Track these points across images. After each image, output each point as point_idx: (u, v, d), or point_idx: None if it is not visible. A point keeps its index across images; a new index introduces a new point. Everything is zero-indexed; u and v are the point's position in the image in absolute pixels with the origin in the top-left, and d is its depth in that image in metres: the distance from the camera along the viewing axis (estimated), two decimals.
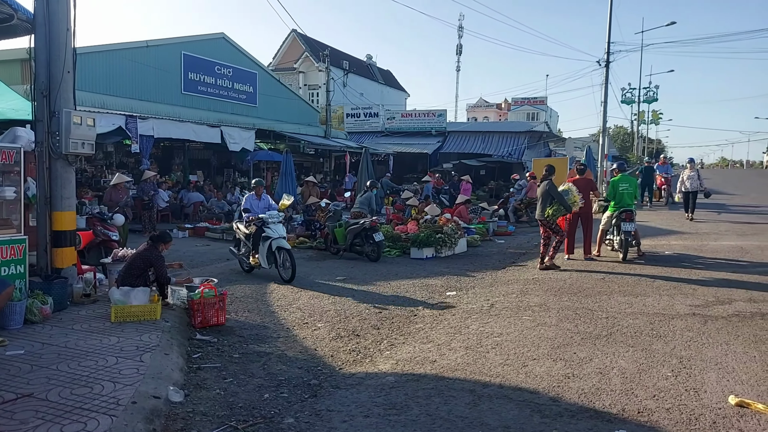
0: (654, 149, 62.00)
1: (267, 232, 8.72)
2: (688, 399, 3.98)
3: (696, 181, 15.37)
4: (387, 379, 4.54)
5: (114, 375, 4.30)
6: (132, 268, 6.28)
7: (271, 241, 8.69)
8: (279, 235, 8.70)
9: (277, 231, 8.73)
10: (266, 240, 8.74)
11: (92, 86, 16.86)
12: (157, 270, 6.32)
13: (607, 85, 23.44)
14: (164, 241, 6.55)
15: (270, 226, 8.78)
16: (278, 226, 8.84)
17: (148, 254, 6.36)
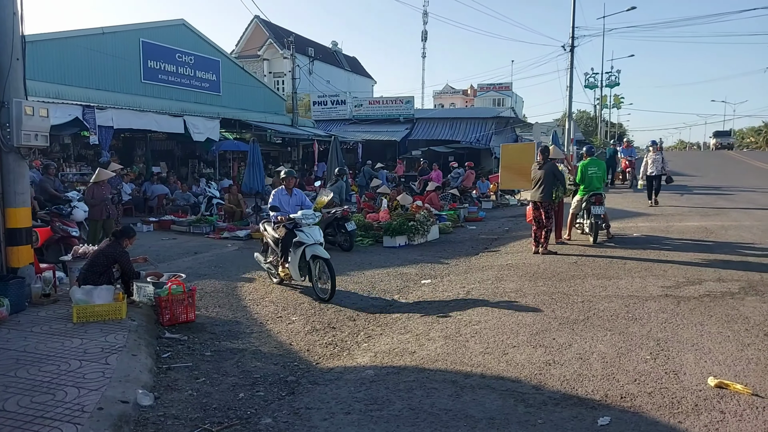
0: (616, 133, 63.27)
1: (299, 237, 7.22)
2: (668, 382, 3.98)
3: (660, 164, 14.73)
4: (366, 373, 4.42)
5: (78, 380, 4.06)
6: (94, 266, 5.98)
7: (305, 247, 7.15)
8: (314, 241, 7.17)
9: (312, 235, 7.20)
10: (298, 246, 7.22)
11: (45, 75, 16.11)
12: (123, 266, 6.03)
13: (572, 69, 23.69)
14: (128, 236, 6.26)
15: (303, 228, 7.28)
16: (314, 229, 7.34)
17: (111, 250, 6.06)
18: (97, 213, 9.74)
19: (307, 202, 8.13)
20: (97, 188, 9.83)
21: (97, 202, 9.69)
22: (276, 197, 7.98)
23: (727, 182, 20.81)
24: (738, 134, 74.29)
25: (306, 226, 7.30)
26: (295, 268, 7.30)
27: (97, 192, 9.77)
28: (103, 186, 9.94)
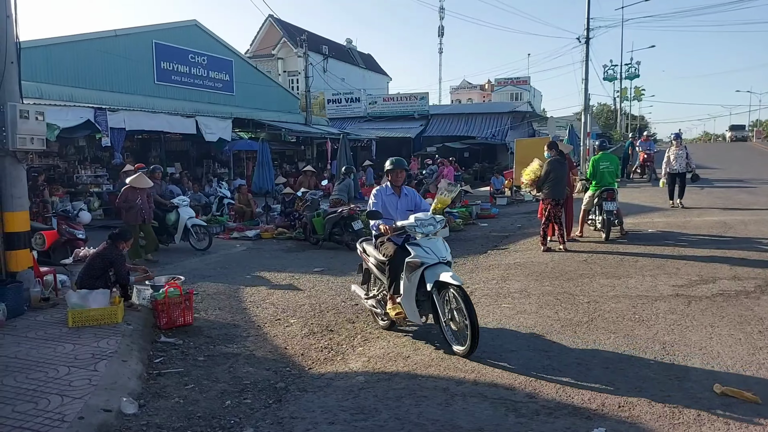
0: (637, 126, 62.09)
1: (415, 253, 4.85)
2: (672, 388, 3.78)
3: (684, 160, 12.80)
4: (357, 380, 4.30)
5: (63, 387, 4.01)
6: (91, 269, 5.96)
7: (424, 270, 4.80)
8: (438, 259, 4.81)
9: (433, 250, 4.84)
10: (414, 269, 4.84)
11: (59, 79, 16.33)
12: (117, 270, 6.00)
13: (588, 62, 23.19)
14: (124, 238, 6.22)
15: (419, 241, 4.91)
16: (435, 241, 4.92)
17: (107, 253, 6.03)
18: (132, 217, 9.41)
19: (424, 204, 5.72)
20: (131, 192, 9.45)
21: (131, 205, 9.34)
22: (378, 198, 5.59)
23: (750, 175, 20.21)
24: (764, 125, 72.44)
25: (423, 237, 4.93)
26: (412, 303, 4.93)
27: (132, 196, 9.40)
28: (140, 191, 9.50)
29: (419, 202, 5.68)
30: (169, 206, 10.69)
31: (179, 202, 10.84)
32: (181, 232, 10.58)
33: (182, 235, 10.60)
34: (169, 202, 10.75)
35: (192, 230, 10.64)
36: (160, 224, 10.45)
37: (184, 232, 10.60)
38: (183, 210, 10.69)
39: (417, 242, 4.94)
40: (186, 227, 10.59)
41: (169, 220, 10.62)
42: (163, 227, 10.56)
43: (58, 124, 12.32)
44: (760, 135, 60.49)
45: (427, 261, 4.81)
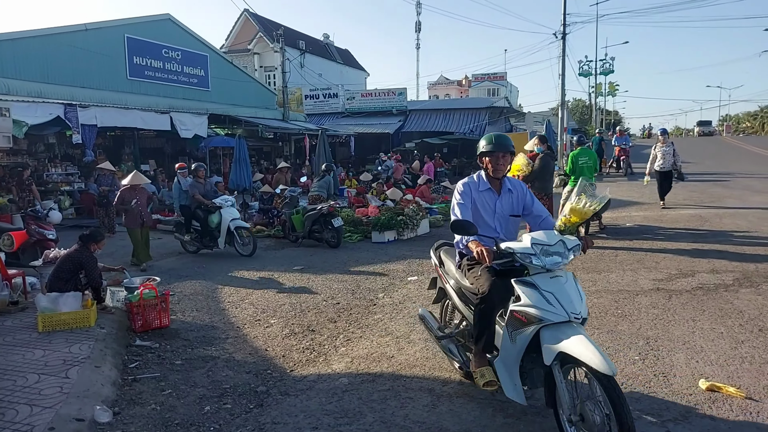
0: (612, 121, 63.00)
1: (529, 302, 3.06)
2: (657, 386, 3.76)
3: (670, 157, 11.99)
4: (340, 381, 4.20)
5: (33, 396, 3.83)
6: (61, 272, 5.73)
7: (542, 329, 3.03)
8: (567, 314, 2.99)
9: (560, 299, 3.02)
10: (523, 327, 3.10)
11: (27, 74, 15.79)
12: (88, 272, 5.77)
13: (564, 57, 23.37)
14: (95, 240, 6.00)
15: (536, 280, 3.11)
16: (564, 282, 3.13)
17: (77, 256, 5.81)
18: (131, 221, 8.92)
19: (537, 206, 3.85)
20: (128, 193, 8.91)
21: (129, 208, 8.81)
22: (466, 198, 3.75)
23: (722, 168, 20.60)
24: (734, 119, 74.27)
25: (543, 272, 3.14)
26: (514, 374, 3.25)
27: (129, 197, 8.86)
28: (137, 191, 9.00)
29: (530, 203, 3.82)
30: (210, 207, 9.80)
31: (222, 201, 9.89)
32: (224, 236, 9.70)
33: (226, 238, 9.73)
34: (211, 202, 9.86)
35: (236, 233, 9.73)
36: (202, 226, 9.86)
37: (228, 235, 9.73)
38: (226, 211, 9.77)
39: (532, 280, 3.12)
40: (229, 230, 9.69)
41: (212, 222, 9.79)
42: (206, 230, 9.86)
43: (27, 120, 11.95)
44: (729, 129, 62.05)
45: (548, 318, 3.00)
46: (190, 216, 10.08)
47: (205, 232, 9.88)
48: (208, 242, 9.91)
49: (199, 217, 9.90)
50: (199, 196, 9.93)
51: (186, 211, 10.27)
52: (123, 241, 11.64)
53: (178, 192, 11.25)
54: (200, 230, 9.93)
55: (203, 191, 10.10)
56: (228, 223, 9.68)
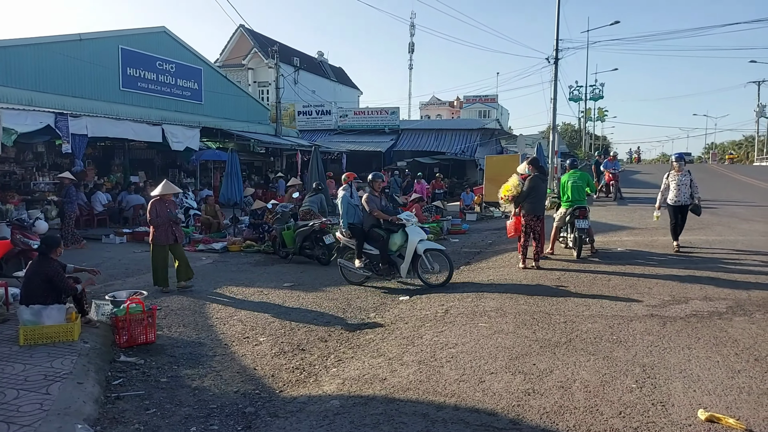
0: (600, 145, 63.74)
1: None
2: (655, 415, 3.69)
3: (687, 188, 9.75)
4: (332, 404, 4.08)
5: (10, 414, 3.68)
6: (31, 288, 5.46)
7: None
8: None
9: None
10: None
11: (19, 82, 15.71)
12: (58, 284, 5.49)
13: (556, 81, 23.63)
14: (53, 246, 5.69)
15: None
16: None
17: (41, 269, 5.47)
18: (162, 236, 8.00)
19: None
20: (160, 205, 7.99)
21: (163, 221, 7.93)
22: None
23: (710, 196, 20.77)
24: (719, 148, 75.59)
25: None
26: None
27: (161, 209, 7.96)
28: (168, 202, 8.15)
29: None
30: (394, 222, 8.11)
31: (407, 217, 8.24)
32: (410, 262, 7.98)
33: (411, 264, 8.01)
34: (395, 218, 8.13)
35: (425, 258, 7.97)
36: (381, 250, 8.11)
37: (414, 261, 7.99)
38: (412, 230, 8.06)
39: None
40: (416, 253, 7.94)
41: (393, 243, 8.09)
42: (385, 254, 8.11)
43: (16, 128, 11.78)
44: (715, 157, 63.10)
45: None
46: (363, 237, 8.35)
47: (384, 257, 8.15)
48: (387, 270, 8.21)
49: (377, 238, 8.20)
50: (380, 212, 8.27)
51: (357, 231, 8.50)
52: (107, 252, 11.47)
53: (346, 207, 9.43)
54: (374, 255, 8.24)
55: (380, 205, 8.43)
56: (416, 245, 7.95)
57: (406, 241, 8.01)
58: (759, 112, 58.62)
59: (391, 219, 8.16)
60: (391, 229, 8.18)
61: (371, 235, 8.29)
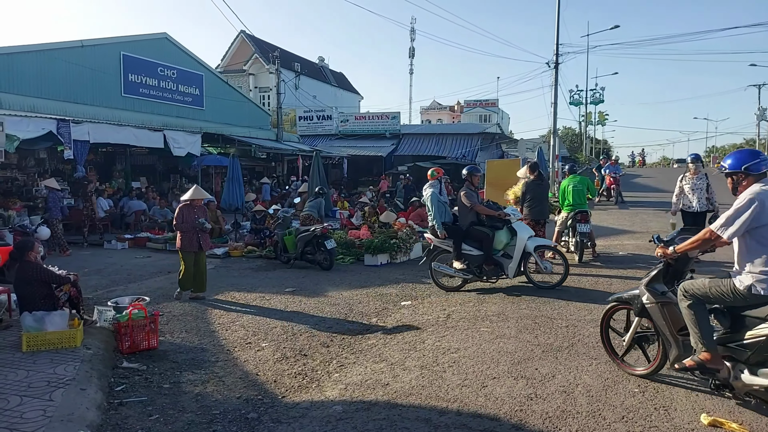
0: (601, 149, 63.78)
1: None
2: (658, 419, 3.69)
3: (703, 193, 9.01)
4: (334, 409, 4.08)
5: (14, 420, 3.69)
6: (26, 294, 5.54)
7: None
8: None
9: None
10: None
11: (21, 88, 15.74)
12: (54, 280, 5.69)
13: (557, 86, 23.70)
14: (27, 250, 5.80)
15: None
16: None
17: (27, 275, 5.61)
18: (187, 242, 7.80)
19: None
20: (188, 210, 7.77)
21: (189, 227, 7.69)
22: None
23: None
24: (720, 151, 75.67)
25: None
26: None
27: (189, 215, 7.72)
28: (197, 207, 7.92)
29: None
30: (500, 218, 7.64)
31: (513, 212, 7.87)
32: (518, 260, 7.55)
33: (519, 263, 7.58)
34: (501, 213, 7.70)
35: (535, 256, 7.60)
36: (485, 249, 7.59)
37: (522, 259, 7.58)
38: (519, 226, 7.71)
39: None
40: (525, 251, 7.56)
41: (499, 241, 7.67)
42: (489, 254, 7.63)
43: (18, 135, 11.82)
44: (715, 160, 63.17)
45: None
46: (462, 236, 7.79)
47: (489, 257, 7.61)
48: (493, 271, 7.65)
49: (481, 237, 7.65)
50: (483, 207, 7.82)
51: (455, 230, 7.89)
52: (109, 258, 11.49)
53: (438, 205, 8.41)
54: (476, 255, 7.66)
55: (478, 200, 7.87)
56: (525, 242, 7.50)
57: (512, 238, 7.59)
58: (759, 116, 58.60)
59: (498, 215, 7.66)
60: (496, 226, 7.67)
61: (472, 234, 7.70)
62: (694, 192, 9.05)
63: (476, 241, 7.68)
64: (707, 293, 3.75)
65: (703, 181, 9.03)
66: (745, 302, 3.60)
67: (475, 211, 7.79)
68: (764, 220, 3.49)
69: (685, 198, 9.22)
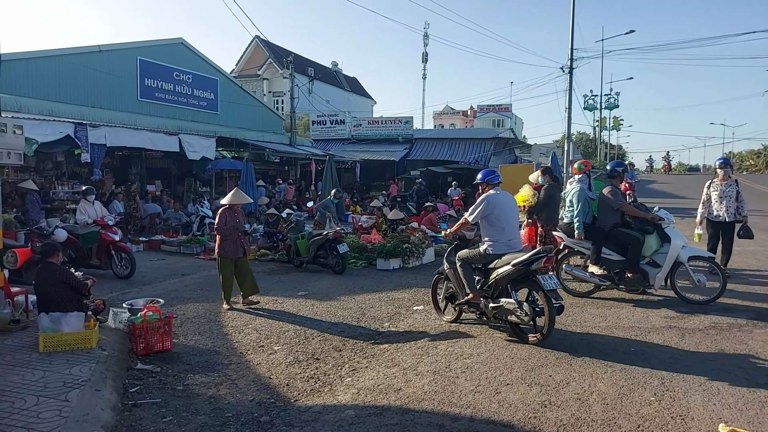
0: (615, 155, 63.28)
1: None
2: (675, 429, 3.64)
3: (732, 202, 8.24)
4: (347, 414, 4.08)
5: (30, 420, 3.73)
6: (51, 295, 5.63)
7: None
8: None
9: None
10: None
11: (40, 92, 16.00)
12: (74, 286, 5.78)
13: (571, 91, 23.58)
14: (51, 253, 5.93)
15: None
16: None
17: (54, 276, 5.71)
18: (230, 248, 7.50)
19: None
20: (230, 214, 7.53)
21: (230, 232, 7.44)
22: None
23: None
24: (737, 157, 74.68)
25: None
26: None
27: (230, 219, 7.49)
28: (237, 212, 7.69)
29: None
30: (654, 221, 6.92)
31: (665, 215, 7.06)
32: (668, 270, 6.82)
33: (670, 273, 6.83)
34: (654, 216, 6.95)
35: (688, 267, 6.80)
36: (631, 254, 6.93)
37: (672, 271, 6.84)
38: (673, 232, 6.92)
39: None
40: (677, 261, 6.80)
41: (649, 247, 6.91)
42: (636, 260, 6.91)
43: (37, 138, 12.01)
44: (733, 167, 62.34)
45: None
46: (602, 238, 7.15)
47: (633, 263, 6.91)
48: (638, 280, 6.94)
49: (628, 241, 6.97)
50: (633, 208, 7.22)
51: (596, 232, 7.22)
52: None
53: (584, 203, 7.64)
54: (616, 261, 7.06)
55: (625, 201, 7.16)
56: (678, 250, 6.78)
57: (661, 245, 6.92)
58: None
59: (651, 217, 6.97)
60: (646, 230, 6.99)
61: (615, 237, 7.04)
62: (723, 200, 8.26)
63: (617, 245, 7.04)
64: (470, 257, 5.96)
65: (732, 188, 8.24)
66: (486, 260, 5.82)
67: (619, 212, 7.12)
68: (490, 211, 5.78)
69: (711, 206, 8.51)
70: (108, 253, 9.81)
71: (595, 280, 7.27)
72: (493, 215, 5.75)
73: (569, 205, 7.76)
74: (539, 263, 5.44)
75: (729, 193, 8.17)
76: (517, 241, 5.88)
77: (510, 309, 5.51)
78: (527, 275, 5.44)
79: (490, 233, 5.78)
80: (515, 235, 5.88)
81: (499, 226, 5.76)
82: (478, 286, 5.82)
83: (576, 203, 7.56)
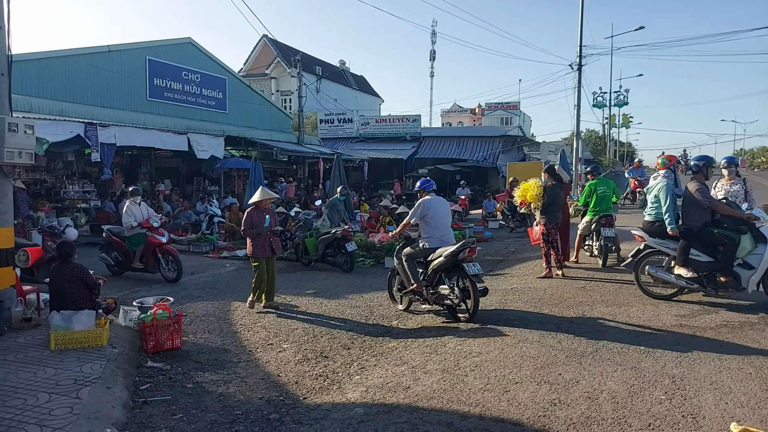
0: (625, 152, 62.84)
1: None
2: (686, 428, 3.61)
3: (741, 201, 7.32)
4: (355, 412, 4.08)
5: (42, 417, 3.76)
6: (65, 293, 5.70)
7: None
8: None
9: None
10: None
11: (50, 93, 16.12)
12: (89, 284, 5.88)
13: (580, 88, 23.46)
14: (72, 253, 6.02)
15: None
16: None
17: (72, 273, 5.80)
18: (259, 248, 7.32)
19: None
20: (257, 214, 7.35)
21: (258, 232, 7.28)
22: None
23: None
24: (749, 154, 74.00)
25: None
26: None
27: (258, 218, 7.31)
28: (266, 210, 7.51)
29: None
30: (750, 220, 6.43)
31: (761, 214, 6.52)
32: (762, 273, 6.30)
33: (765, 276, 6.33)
34: (750, 215, 6.46)
35: None
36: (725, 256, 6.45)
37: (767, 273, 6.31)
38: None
39: None
40: None
41: (743, 248, 6.43)
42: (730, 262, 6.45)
43: (48, 138, 12.10)
44: (744, 164, 61.78)
45: None
46: (691, 238, 6.68)
47: (727, 265, 6.44)
48: (728, 283, 6.47)
49: (720, 241, 6.51)
50: (725, 206, 6.68)
51: (687, 231, 6.75)
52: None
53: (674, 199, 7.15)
54: (704, 263, 6.61)
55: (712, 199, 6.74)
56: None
57: (756, 246, 6.41)
58: None
59: (747, 216, 6.43)
60: (740, 230, 6.46)
61: (706, 237, 6.57)
62: (734, 199, 7.49)
63: (706, 245, 6.59)
64: (413, 253, 6.90)
65: (740, 187, 7.61)
66: (425, 254, 6.78)
67: (709, 211, 6.65)
68: (426, 212, 6.77)
69: None
70: (155, 256, 9.42)
71: (682, 283, 6.75)
72: (428, 216, 6.78)
73: (653, 201, 7.21)
74: (464, 253, 6.41)
75: (737, 192, 7.62)
76: (449, 237, 6.89)
77: (445, 294, 6.57)
78: (456, 264, 6.45)
79: (427, 231, 6.81)
80: (448, 232, 6.94)
81: (433, 225, 6.79)
82: (421, 277, 6.77)
83: (664, 199, 7.02)
